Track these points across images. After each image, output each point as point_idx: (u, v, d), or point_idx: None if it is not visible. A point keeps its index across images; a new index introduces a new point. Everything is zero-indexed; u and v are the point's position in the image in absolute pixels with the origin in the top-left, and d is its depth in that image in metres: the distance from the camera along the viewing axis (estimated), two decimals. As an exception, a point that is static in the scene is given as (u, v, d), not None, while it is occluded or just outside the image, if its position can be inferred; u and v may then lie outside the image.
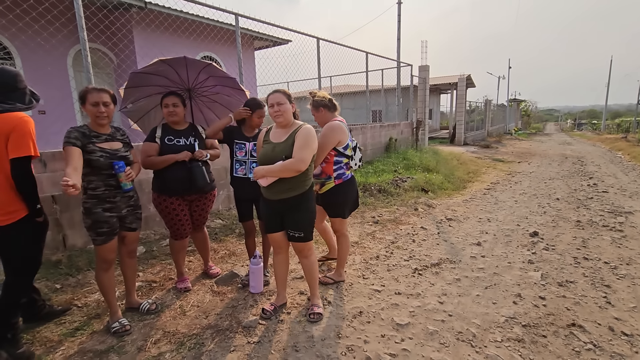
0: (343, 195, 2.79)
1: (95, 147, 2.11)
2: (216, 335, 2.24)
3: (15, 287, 2.00)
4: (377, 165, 7.71)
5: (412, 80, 11.00)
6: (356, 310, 2.51)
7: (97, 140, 2.14)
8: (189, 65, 2.63)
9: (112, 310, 2.32)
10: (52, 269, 3.05)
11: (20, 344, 2.01)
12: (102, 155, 2.12)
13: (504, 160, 11.07)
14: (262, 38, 9.62)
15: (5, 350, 1.95)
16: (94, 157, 2.09)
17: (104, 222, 2.16)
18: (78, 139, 2.06)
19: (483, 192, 6.62)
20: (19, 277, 1.99)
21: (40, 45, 5.59)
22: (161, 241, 3.78)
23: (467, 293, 2.78)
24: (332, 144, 2.64)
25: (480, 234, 4.20)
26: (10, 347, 1.96)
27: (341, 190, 2.77)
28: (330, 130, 2.63)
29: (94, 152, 2.10)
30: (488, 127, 20.48)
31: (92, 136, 2.14)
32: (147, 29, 7.11)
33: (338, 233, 2.91)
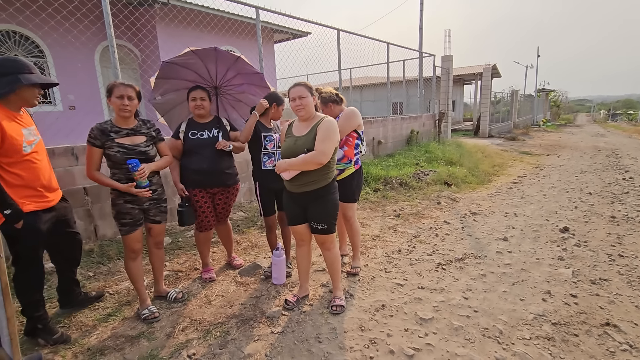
0: (357, 179, 2.87)
1: (113, 143, 2.15)
2: (241, 325, 2.28)
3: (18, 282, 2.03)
4: (398, 158, 7.60)
5: (434, 71, 10.71)
6: (379, 304, 2.50)
7: (117, 136, 2.18)
8: (218, 58, 2.65)
9: (142, 298, 2.41)
10: (85, 257, 3.19)
11: (53, 330, 2.11)
12: (119, 150, 2.15)
13: (532, 153, 10.65)
14: (281, 31, 9.60)
15: (42, 338, 2.07)
16: (111, 152, 2.15)
17: (126, 213, 2.24)
18: (97, 138, 2.14)
19: (509, 186, 6.40)
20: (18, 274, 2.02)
21: (70, 43, 5.80)
22: (186, 232, 3.89)
23: (493, 289, 2.71)
24: (352, 127, 2.72)
25: (507, 228, 4.07)
26: (46, 335, 2.08)
27: (357, 174, 2.85)
28: (352, 113, 2.73)
29: (112, 148, 2.15)
30: (514, 119, 19.73)
31: (113, 132, 2.18)
32: (170, 25, 7.24)
33: (351, 220, 2.92)
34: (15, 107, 1.92)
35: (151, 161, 2.32)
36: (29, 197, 1.93)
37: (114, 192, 2.23)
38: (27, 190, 1.93)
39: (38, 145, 2.00)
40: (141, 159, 2.22)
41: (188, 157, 2.65)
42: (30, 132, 1.96)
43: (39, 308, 2.10)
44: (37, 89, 1.94)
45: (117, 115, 2.22)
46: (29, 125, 1.99)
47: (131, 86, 2.21)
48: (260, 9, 4.96)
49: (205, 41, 7.77)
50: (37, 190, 1.96)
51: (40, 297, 2.10)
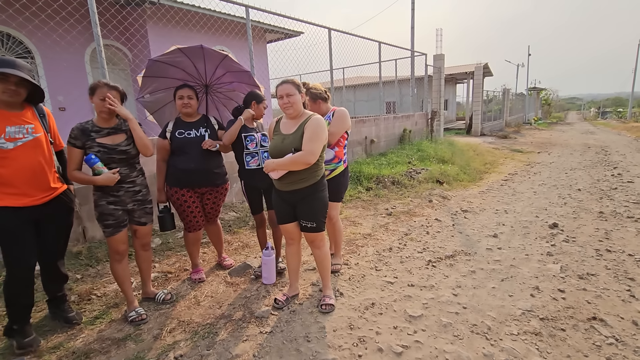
0: (345, 178, 2.88)
1: (94, 142, 2.13)
2: (229, 325, 2.27)
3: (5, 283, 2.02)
4: (390, 157, 7.62)
5: (426, 70, 10.75)
6: (368, 302, 2.50)
7: (97, 136, 2.15)
8: (206, 56, 2.63)
9: (129, 300, 2.38)
10: (73, 259, 3.15)
11: (27, 333, 2.05)
12: (100, 150, 2.13)
13: (523, 151, 10.75)
14: (273, 31, 9.57)
15: (15, 340, 2.03)
16: (93, 152, 2.12)
17: (109, 214, 2.20)
18: (77, 138, 2.11)
19: (500, 183, 6.45)
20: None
21: (57, 42, 5.72)
22: (176, 233, 3.85)
23: (482, 285, 2.72)
24: (346, 128, 2.75)
25: (497, 225, 4.10)
26: (18, 337, 2.04)
27: (345, 173, 2.87)
28: (345, 114, 2.75)
29: (92, 148, 2.12)
30: (506, 117, 19.91)
31: (94, 131, 2.15)
32: (160, 24, 7.18)
33: (334, 219, 2.93)
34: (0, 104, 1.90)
35: (132, 160, 2.27)
36: (6, 194, 1.90)
37: (97, 193, 2.20)
38: (5, 186, 1.90)
39: (30, 143, 1.96)
40: (122, 157, 2.19)
41: (176, 156, 2.62)
42: (19, 130, 1.93)
43: (14, 310, 2.05)
44: (4, 84, 1.86)
45: (98, 116, 2.19)
46: (24, 124, 1.96)
47: (115, 88, 2.18)
48: (250, 7, 4.94)
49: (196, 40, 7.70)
50: (16, 187, 1.93)
51: (15, 299, 2.03)
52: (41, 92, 2.05)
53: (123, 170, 2.21)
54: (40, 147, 2.02)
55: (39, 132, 2.02)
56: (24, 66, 1.93)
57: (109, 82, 2.19)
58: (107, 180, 2.10)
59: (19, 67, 1.89)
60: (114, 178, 2.12)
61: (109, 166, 2.15)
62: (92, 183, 2.14)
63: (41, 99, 2.11)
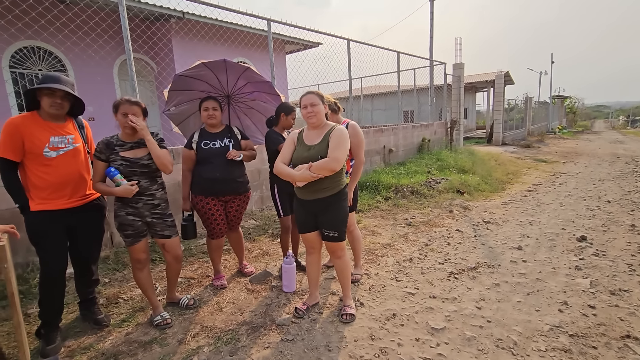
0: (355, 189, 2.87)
1: (117, 156, 2.20)
2: (251, 332, 2.30)
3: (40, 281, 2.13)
4: (409, 166, 7.56)
5: (445, 79, 10.68)
6: (389, 313, 2.48)
7: (121, 149, 2.22)
8: (228, 69, 2.73)
9: (154, 305, 2.45)
10: (101, 264, 3.27)
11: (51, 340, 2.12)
12: (122, 164, 2.20)
13: (547, 161, 10.44)
14: (293, 42, 9.78)
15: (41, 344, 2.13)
16: (115, 165, 2.19)
17: (128, 225, 2.26)
18: (102, 152, 2.20)
19: (524, 194, 6.28)
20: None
21: (90, 57, 6.04)
22: (199, 240, 3.95)
23: (507, 299, 2.65)
24: (363, 141, 2.76)
25: (521, 237, 3.99)
26: (43, 342, 2.12)
27: None
28: (359, 129, 2.76)
29: (115, 161, 2.20)
30: (529, 126, 19.42)
31: (117, 145, 2.23)
32: (185, 38, 7.47)
33: (351, 227, 2.93)
34: (46, 115, 2.06)
35: (153, 173, 2.31)
36: (46, 198, 2.04)
37: (117, 203, 2.28)
38: (46, 191, 2.04)
39: (70, 152, 2.10)
40: (143, 171, 2.25)
41: (201, 166, 2.71)
42: (62, 140, 2.07)
43: (46, 313, 2.15)
44: (51, 98, 2.01)
45: (122, 132, 2.27)
46: (65, 134, 2.10)
47: (137, 104, 2.23)
48: (272, 21, 5.09)
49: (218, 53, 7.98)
50: (56, 193, 2.05)
51: (49, 301, 2.13)
52: (81, 105, 2.18)
53: (144, 183, 2.26)
54: (79, 156, 2.15)
55: (78, 142, 2.15)
56: (68, 81, 2.08)
57: (130, 98, 2.25)
58: (125, 191, 2.16)
59: (64, 82, 2.03)
60: (131, 190, 2.17)
61: (131, 179, 2.21)
62: (112, 194, 2.20)
63: (81, 112, 2.24)
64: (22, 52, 6.10)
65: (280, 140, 2.82)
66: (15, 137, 1.95)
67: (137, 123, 2.18)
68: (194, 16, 7.05)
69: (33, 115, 2.04)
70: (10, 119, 1.98)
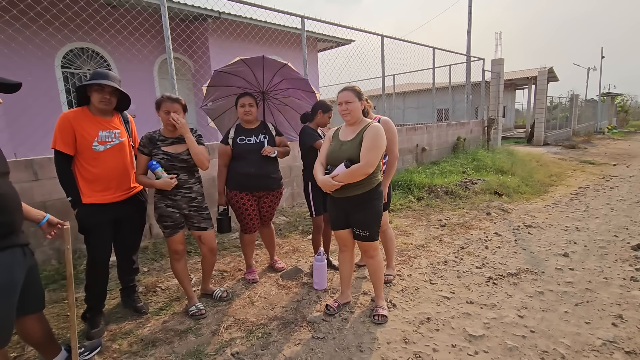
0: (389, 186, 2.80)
1: (159, 150, 2.28)
2: (282, 327, 2.30)
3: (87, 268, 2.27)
4: (443, 165, 7.31)
5: (483, 76, 10.22)
6: (423, 316, 2.39)
7: (162, 144, 2.30)
8: (266, 65, 2.75)
9: (189, 296, 2.52)
10: (140, 254, 3.41)
11: (95, 324, 2.25)
12: (163, 157, 2.27)
13: (595, 163, 9.72)
14: (325, 40, 9.74)
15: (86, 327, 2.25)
16: (156, 159, 2.27)
17: (167, 216, 2.33)
18: (145, 146, 2.28)
19: (569, 197, 5.87)
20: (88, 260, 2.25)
21: (134, 56, 6.34)
22: (232, 234, 4.03)
23: (552, 308, 2.48)
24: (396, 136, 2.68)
25: (567, 244, 3.73)
26: (87, 326, 2.25)
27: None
28: (391, 124, 2.66)
29: (157, 155, 2.27)
30: (574, 126, 18.18)
31: (159, 140, 2.30)
32: (221, 37, 7.65)
33: (384, 226, 2.85)
34: (95, 111, 2.16)
35: (192, 168, 2.37)
36: (95, 191, 2.14)
37: (157, 195, 2.35)
38: (95, 184, 2.14)
39: (116, 146, 2.20)
40: (182, 165, 2.31)
41: (236, 161, 2.75)
42: (109, 134, 2.17)
43: (91, 298, 2.27)
44: (100, 94, 2.10)
45: (164, 127, 2.34)
46: (112, 129, 2.21)
47: (177, 101, 2.29)
48: (306, 18, 5.08)
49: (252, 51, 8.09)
50: (103, 185, 2.15)
51: (94, 287, 2.26)
52: (127, 101, 2.28)
53: (182, 177, 2.33)
54: (124, 150, 2.24)
55: (123, 137, 2.25)
56: (116, 77, 2.17)
57: (171, 95, 2.31)
58: (164, 184, 2.23)
59: (112, 79, 2.12)
60: (170, 183, 2.24)
61: (170, 172, 2.29)
62: (152, 186, 2.28)
63: (126, 107, 2.34)
64: (72, 52, 6.52)
65: (315, 136, 2.80)
66: (68, 131, 2.06)
67: (178, 121, 2.24)
68: (230, 16, 7.20)
69: (83, 110, 2.15)
70: (63, 114, 2.10)
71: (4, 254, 1.46)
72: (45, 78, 5.91)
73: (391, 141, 2.59)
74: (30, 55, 5.27)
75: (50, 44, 5.59)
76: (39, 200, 3.05)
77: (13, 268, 1.49)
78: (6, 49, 4.86)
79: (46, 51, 5.71)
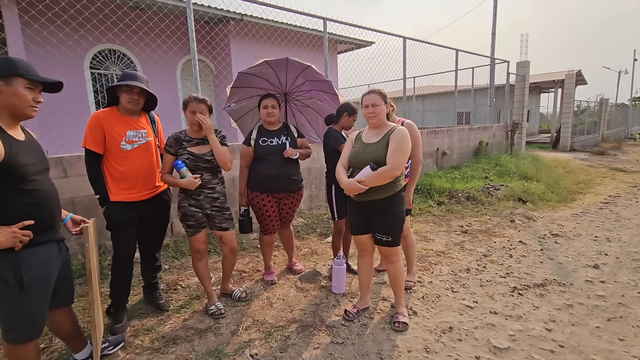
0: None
1: (184, 150, 2.31)
2: (301, 330, 2.28)
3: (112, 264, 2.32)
4: (464, 170, 7.15)
5: (508, 79, 9.95)
6: (445, 325, 2.32)
7: (188, 145, 2.33)
8: (289, 67, 2.76)
9: (209, 295, 2.54)
10: (162, 252, 3.46)
11: (119, 319, 2.30)
12: (189, 158, 2.31)
13: (627, 170, 9.27)
14: (345, 42, 9.72)
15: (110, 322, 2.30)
16: (182, 159, 2.30)
17: (191, 215, 2.36)
18: (171, 146, 2.32)
19: (599, 206, 5.61)
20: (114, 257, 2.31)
21: (159, 58, 6.51)
22: (250, 235, 4.05)
23: (582, 323, 2.36)
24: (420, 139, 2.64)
25: (598, 255, 3.56)
26: (112, 321, 2.30)
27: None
28: (415, 127, 2.62)
29: (182, 155, 2.31)
30: (603, 131, 17.46)
31: (185, 141, 2.34)
32: (244, 39, 7.76)
33: (405, 231, 2.79)
34: (123, 111, 2.22)
35: (215, 169, 2.40)
36: (122, 189, 2.20)
37: (181, 195, 2.39)
38: (122, 182, 2.20)
39: (143, 146, 2.25)
40: (206, 166, 2.34)
41: (258, 162, 2.76)
42: (136, 134, 2.23)
43: (116, 293, 2.32)
44: (129, 95, 2.16)
45: (190, 127, 2.38)
46: (140, 129, 2.26)
47: (204, 101, 2.31)
48: (327, 20, 5.08)
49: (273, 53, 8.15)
50: (130, 183, 2.21)
51: (118, 283, 2.31)
52: (154, 101, 2.33)
53: (206, 177, 2.36)
54: (150, 150, 2.29)
55: (150, 136, 2.30)
56: (144, 78, 2.22)
57: (198, 96, 2.35)
58: (189, 183, 2.27)
59: (140, 80, 2.17)
60: (195, 182, 2.27)
61: (195, 172, 2.32)
62: (177, 185, 2.32)
63: (153, 107, 2.39)
64: (102, 54, 6.75)
65: (340, 139, 2.78)
66: (98, 130, 2.12)
67: (204, 121, 2.27)
68: (252, 18, 7.28)
69: (113, 111, 2.20)
70: (94, 114, 2.16)
71: (42, 248, 1.51)
72: (75, 78, 6.14)
73: (415, 145, 2.54)
74: (63, 56, 5.49)
75: (82, 45, 5.81)
76: (67, 196, 3.16)
77: (49, 262, 1.54)
78: (41, 50, 5.07)
79: (77, 52, 5.94)
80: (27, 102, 1.47)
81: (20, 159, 1.43)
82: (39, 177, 1.52)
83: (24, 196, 1.45)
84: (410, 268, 2.94)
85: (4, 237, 1.37)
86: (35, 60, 5.07)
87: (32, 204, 1.47)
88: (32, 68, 1.50)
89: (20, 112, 1.48)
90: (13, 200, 1.43)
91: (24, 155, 1.46)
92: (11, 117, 1.48)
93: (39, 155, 1.56)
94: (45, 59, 5.09)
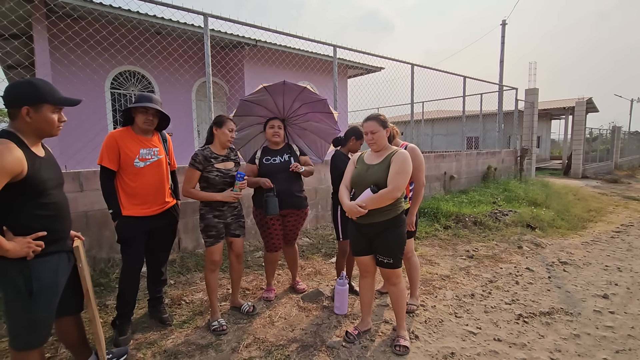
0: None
1: (213, 167, 2.47)
2: (301, 350, 2.28)
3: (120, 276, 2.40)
4: (472, 195, 7.12)
5: (516, 105, 10.04)
6: (447, 351, 2.29)
7: (215, 162, 2.49)
8: (286, 91, 2.87)
9: (213, 310, 2.58)
10: (168, 267, 3.53)
11: (123, 331, 2.35)
12: (218, 175, 2.47)
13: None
14: (355, 67, 10.02)
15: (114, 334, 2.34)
16: (211, 176, 2.46)
17: (213, 226, 2.48)
18: (201, 163, 2.46)
19: (610, 234, 5.50)
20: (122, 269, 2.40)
21: (176, 80, 6.82)
22: (255, 253, 4.09)
23: (589, 354, 2.30)
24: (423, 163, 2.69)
25: (607, 284, 3.48)
26: (116, 332, 2.35)
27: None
28: (418, 151, 2.68)
29: (212, 172, 2.46)
30: (616, 159, 17.23)
31: (212, 158, 2.49)
32: (257, 64, 8.09)
33: (409, 254, 2.81)
34: (138, 130, 2.35)
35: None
36: (134, 204, 2.30)
37: (204, 208, 2.50)
38: (134, 198, 2.30)
39: (154, 163, 2.36)
40: (231, 181, 2.51)
41: (263, 180, 2.84)
42: (148, 152, 2.35)
43: (122, 305, 2.38)
44: (145, 116, 2.30)
45: (222, 145, 2.52)
46: (152, 147, 2.38)
47: (234, 121, 2.59)
48: (337, 47, 5.30)
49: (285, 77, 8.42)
50: (141, 199, 2.31)
51: (125, 295, 2.37)
52: (167, 121, 2.46)
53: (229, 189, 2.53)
54: (161, 167, 2.40)
55: (161, 155, 2.42)
56: (158, 100, 2.36)
57: (230, 117, 2.58)
58: (228, 197, 2.46)
59: (155, 102, 2.32)
60: (236, 197, 2.49)
61: (222, 186, 2.49)
62: (202, 199, 2.47)
63: (165, 126, 2.53)
64: (122, 75, 7.10)
65: (347, 162, 2.84)
66: (114, 149, 2.24)
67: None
68: (265, 43, 7.62)
69: (127, 130, 2.34)
70: (111, 133, 2.30)
71: (52, 258, 1.59)
72: (97, 98, 6.46)
73: (417, 168, 2.60)
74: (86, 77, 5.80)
75: (105, 67, 6.14)
76: (82, 209, 3.28)
77: (58, 272, 1.62)
78: (67, 71, 5.38)
79: (100, 74, 6.28)
80: (54, 125, 1.59)
81: (41, 175, 1.54)
82: (55, 191, 1.62)
83: (40, 209, 1.55)
84: (414, 291, 2.93)
85: (20, 246, 1.46)
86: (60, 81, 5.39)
87: (47, 216, 1.57)
88: (55, 90, 1.58)
89: (47, 134, 1.60)
90: (30, 212, 1.52)
91: (44, 171, 1.56)
92: (37, 137, 1.59)
93: (56, 171, 1.68)
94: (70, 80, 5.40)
